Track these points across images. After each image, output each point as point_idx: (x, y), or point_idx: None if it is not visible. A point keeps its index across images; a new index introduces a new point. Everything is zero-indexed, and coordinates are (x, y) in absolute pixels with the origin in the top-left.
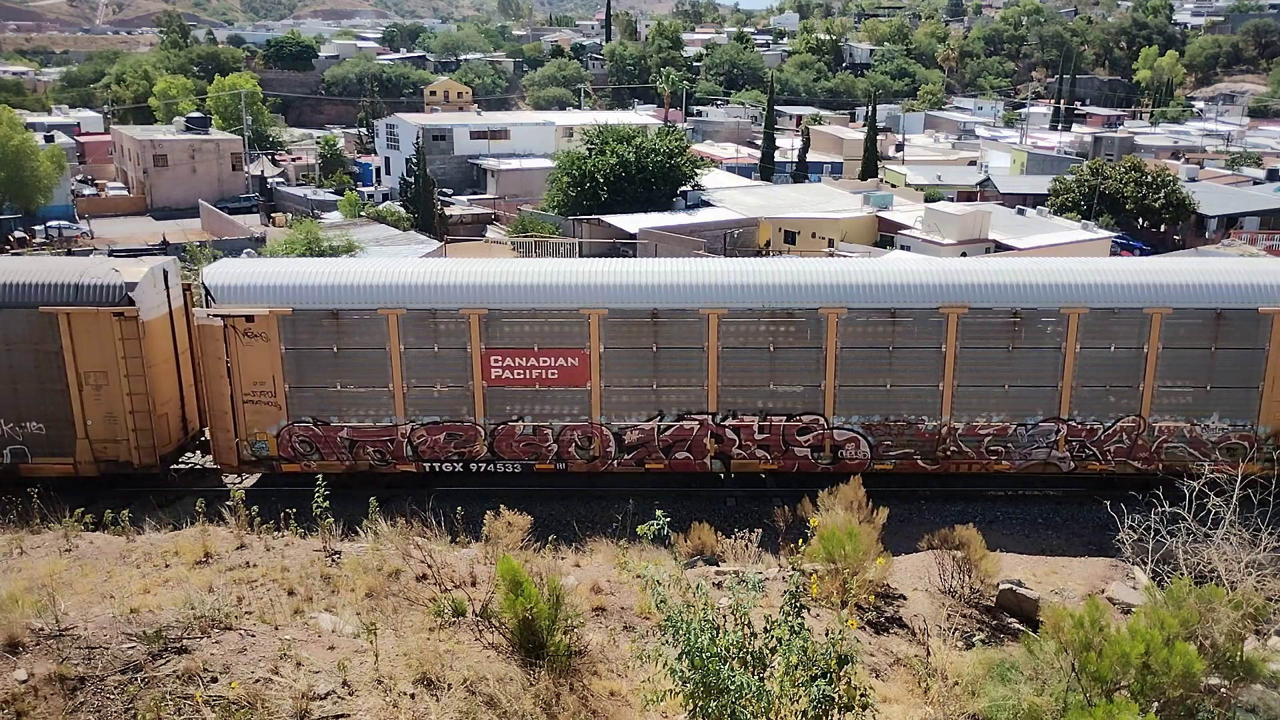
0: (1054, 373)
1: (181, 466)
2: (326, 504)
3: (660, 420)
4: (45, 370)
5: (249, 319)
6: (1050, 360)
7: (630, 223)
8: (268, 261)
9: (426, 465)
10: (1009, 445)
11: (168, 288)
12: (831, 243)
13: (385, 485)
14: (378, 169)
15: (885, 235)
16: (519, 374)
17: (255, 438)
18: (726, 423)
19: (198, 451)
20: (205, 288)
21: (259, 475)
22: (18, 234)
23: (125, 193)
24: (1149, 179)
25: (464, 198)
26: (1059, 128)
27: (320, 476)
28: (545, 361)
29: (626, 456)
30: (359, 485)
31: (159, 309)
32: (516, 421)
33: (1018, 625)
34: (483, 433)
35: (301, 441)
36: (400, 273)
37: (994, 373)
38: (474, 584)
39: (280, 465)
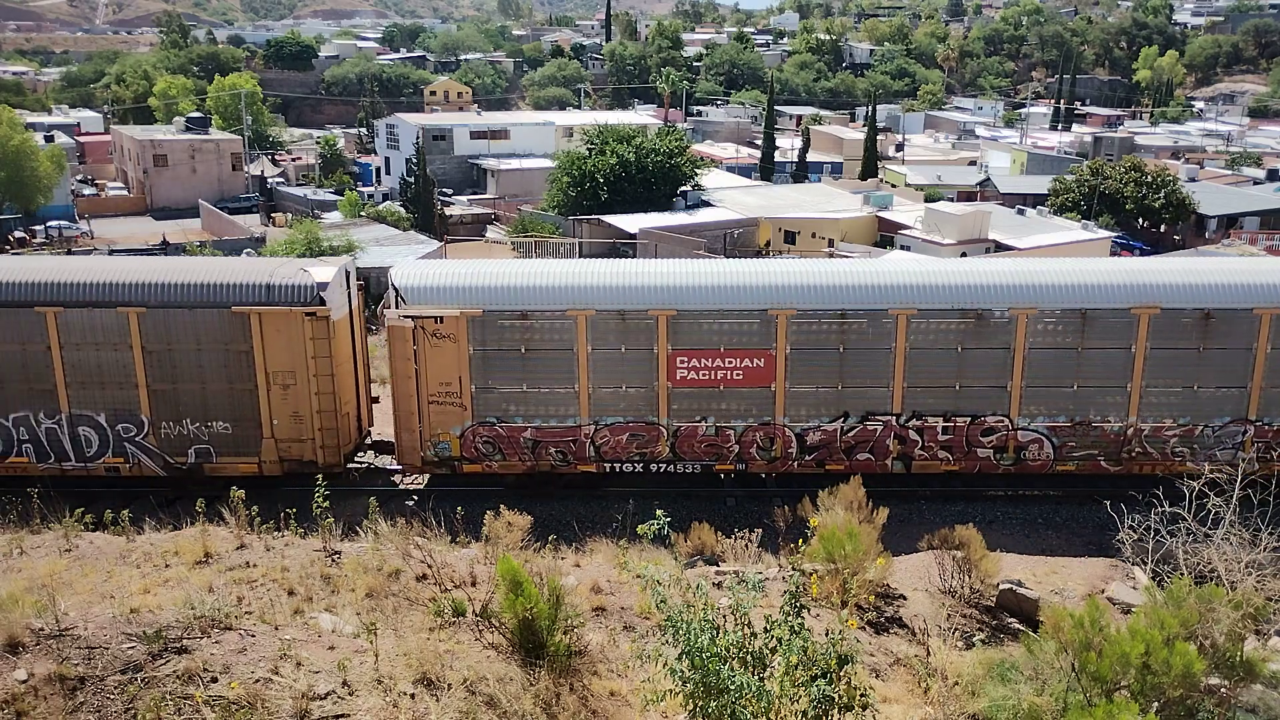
0: (1244, 373)
1: (359, 465)
2: (326, 504)
3: (844, 421)
4: (235, 370)
5: (438, 320)
6: (1240, 361)
7: (630, 223)
8: (457, 263)
9: (607, 465)
10: (1194, 447)
11: (349, 288)
12: (831, 243)
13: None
14: (378, 169)
15: (885, 235)
16: (704, 375)
17: (439, 438)
18: (910, 424)
19: (369, 451)
20: (395, 289)
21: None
22: (18, 234)
23: (125, 193)
24: (1149, 179)
25: (464, 198)
26: (1059, 128)
27: (320, 477)
28: (731, 362)
29: (807, 458)
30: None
31: (343, 309)
32: (699, 422)
33: (1018, 625)
34: (665, 433)
35: (485, 442)
36: (589, 274)
37: (1183, 373)
38: (474, 584)
39: (462, 466)
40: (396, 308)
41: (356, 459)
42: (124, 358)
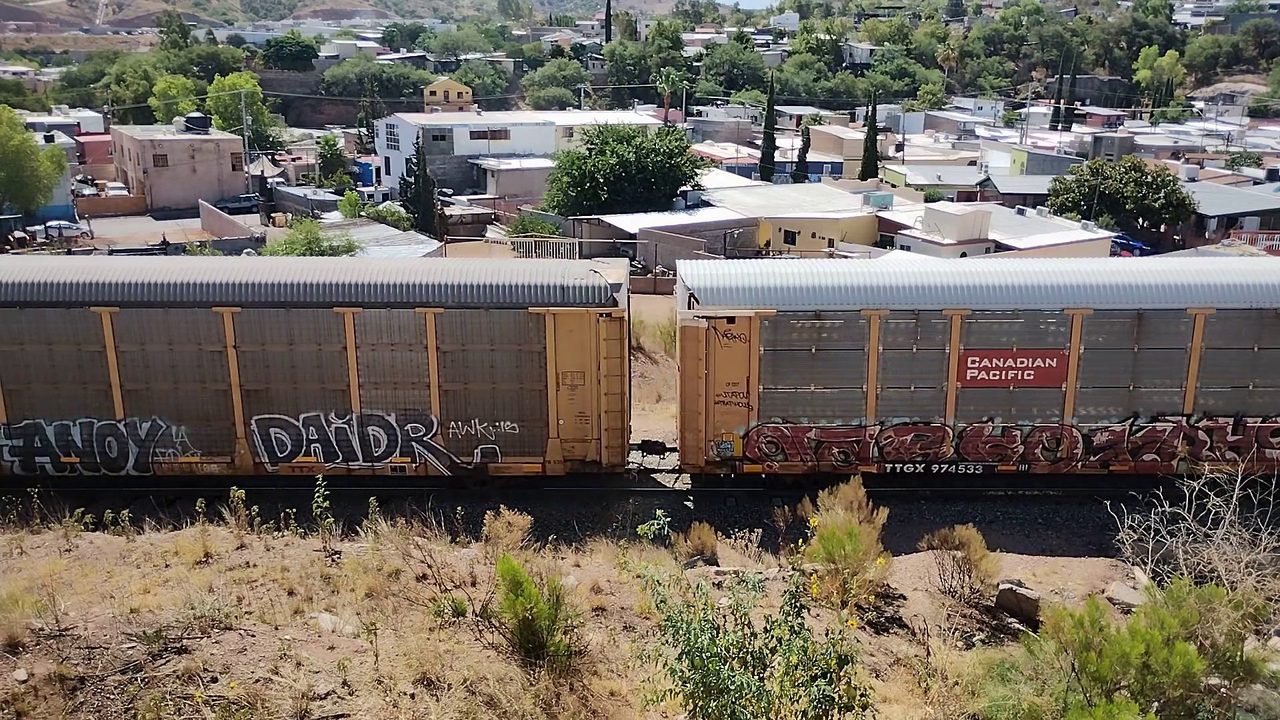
0: None
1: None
2: (326, 504)
3: (1133, 422)
4: (526, 370)
5: (730, 320)
6: None
7: (630, 223)
8: (748, 264)
9: (889, 466)
10: None
11: (627, 289)
12: (831, 243)
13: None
14: (378, 169)
15: (885, 235)
16: (995, 375)
17: (721, 438)
18: (1200, 424)
19: (636, 451)
20: (689, 290)
21: (686, 476)
22: (18, 234)
23: (125, 193)
24: (1149, 179)
25: (464, 198)
26: (1059, 128)
27: (320, 478)
28: (1023, 362)
29: (1093, 458)
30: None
31: (626, 310)
32: (986, 423)
33: (1018, 625)
34: (951, 434)
35: (769, 442)
36: (883, 274)
37: None
38: (474, 584)
39: (743, 466)
40: (689, 308)
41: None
42: (418, 358)
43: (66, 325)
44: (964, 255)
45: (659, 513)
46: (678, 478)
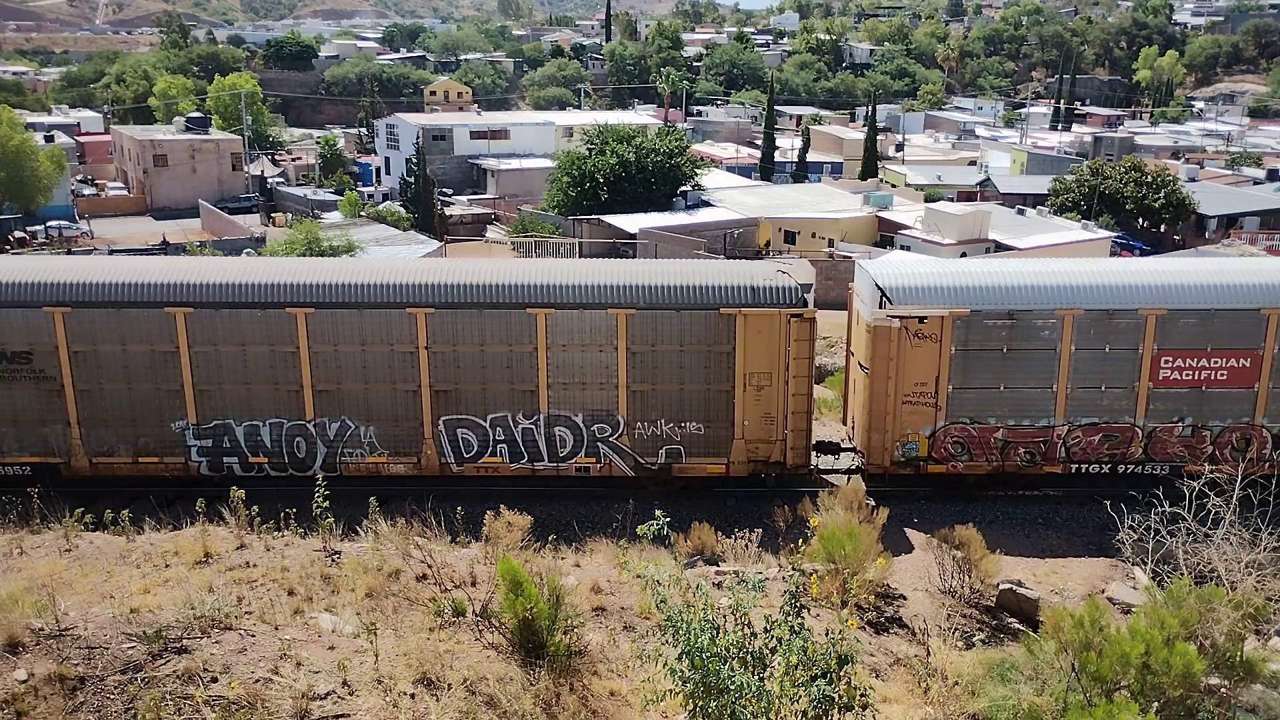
0: None
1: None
2: (326, 504)
3: None
4: (714, 371)
5: (921, 320)
6: None
7: (630, 223)
8: (938, 262)
9: (1074, 466)
10: None
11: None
12: (831, 243)
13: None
14: (378, 169)
15: (885, 235)
16: (1186, 375)
17: (907, 438)
18: None
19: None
20: (881, 289)
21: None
22: (18, 234)
23: (125, 193)
24: (1149, 179)
25: (464, 198)
26: (1059, 128)
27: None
28: (1216, 362)
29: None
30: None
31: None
32: (1176, 423)
33: (1018, 625)
34: (1140, 434)
35: (955, 442)
36: (1077, 273)
37: None
38: (474, 584)
39: (927, 466)
40: (881, 307)
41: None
42: (608, 358)
43: (261, 326)
44: (964, 255)
45: (659, 513)
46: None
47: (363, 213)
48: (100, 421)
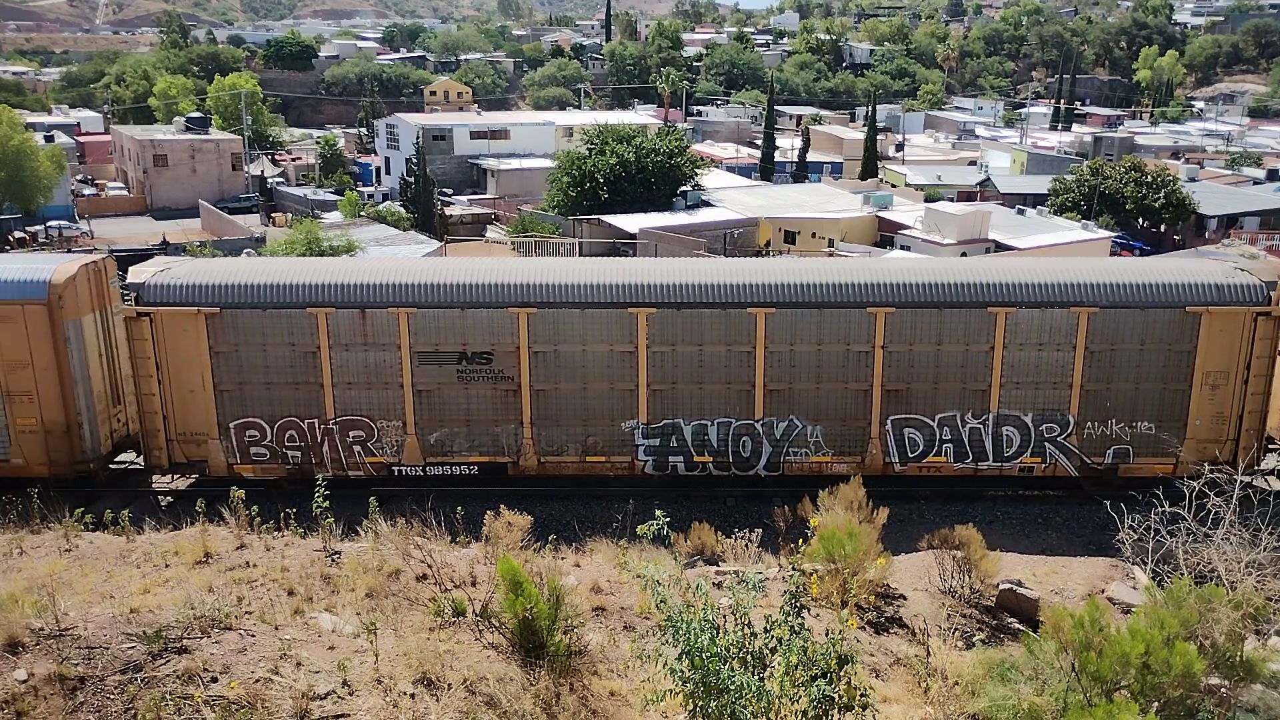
0: None
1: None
2: (326, 504)
3: None
4: (1171, 370)
5: None
6: None
7: (630, 223)
8: None
9: None
10: None
11: None
12: (831, 243)
13: None
14: (378, 169)
15: (885, 235)
16: None
17: None
18: None
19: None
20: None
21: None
22: (18, 234)
23: (125, 193)
24: (1149, 179)
25: (464, 198)
26: (1059, 128)
27: (320, 478)
28: None
29: None
30: None
31: None
32: None
33: (1018, 625)
34: None
35: None
36: None
37: None
38: (474, 584)
39: None
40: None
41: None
42: (1064, 357)
43: (721, 326)
44: (964, 255)
45: (659, 513)
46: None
47: (363, 213)
48: (552, 421)
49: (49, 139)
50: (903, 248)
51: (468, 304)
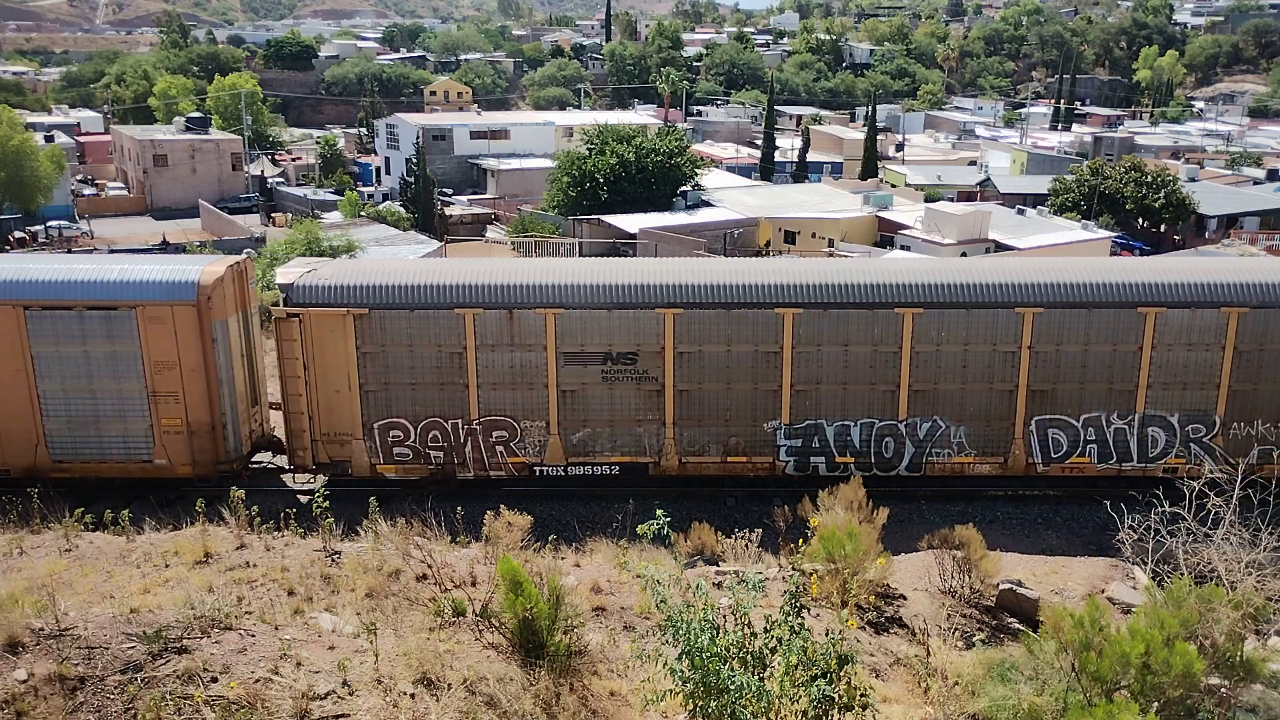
0: None
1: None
2: (326, 504)
3: None
4: None
5: None
6: None
7: (630, 223)
8: None
9: None
10: None
11: None
12: (831, 243)
13: None
14: (378, 169)
15: (885, 235)
16: None
17: None
18: None
19: None
20: None
21: None
22: (18, 234)
23: (125, 193)
24: (1149, 179)
25: (464, 198)
26: (1059, 128)
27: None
28: None
29: None
30: None
31: None
32: None
33: (1018, 625)
34: None
35: None
36: None
37: None
38: (474, 584)
39: None
40: None
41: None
42: (1213, 357)
43: (868, 327)
44: (964, 255)
45: (659, 513)
46: None
47: (363, 213)
48: (695, 421)
49: (49, 139)
50: (903, 248)
51: (615, 305)
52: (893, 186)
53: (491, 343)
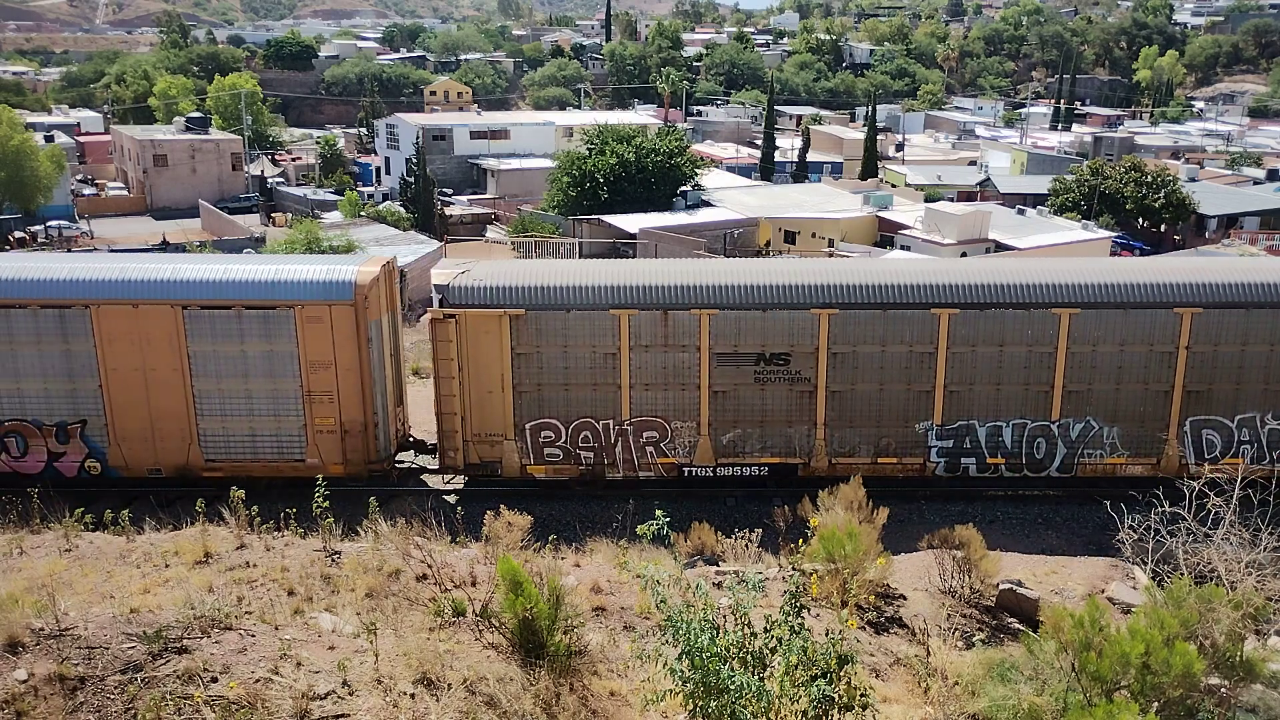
0: None
1: None
2: (326, 504)
3: None
4: None
5: None
6: None
7: (630, 223)
8: None
9: None
10: None
11: None
12: (831, 243)
13: None
14: (378, 169)
15: (885, 235)
16: None
17: None
18: None
19: None
20: None
21: None
22: (18, 234)
23: (125, 193)
24: (1149, 179)
25: (464, 198)
26: (1059, 128)
27: (320, 478)
28: None
29: None
30: None
31: None
32: None
33: (1018, 625)
34: None
35: None
36: None
37: None
38: (474, 584)
39: None
40: None
41: None
42: None
43: (1023, 327)
44: (964, 255)
45: (659, 513)
46: None
47: (363, 213)
48: (846, 422)
49: (49, 139)
50: (903, 248)
51: (769, 305)
52: (893, 186)
53: (645, 343)
